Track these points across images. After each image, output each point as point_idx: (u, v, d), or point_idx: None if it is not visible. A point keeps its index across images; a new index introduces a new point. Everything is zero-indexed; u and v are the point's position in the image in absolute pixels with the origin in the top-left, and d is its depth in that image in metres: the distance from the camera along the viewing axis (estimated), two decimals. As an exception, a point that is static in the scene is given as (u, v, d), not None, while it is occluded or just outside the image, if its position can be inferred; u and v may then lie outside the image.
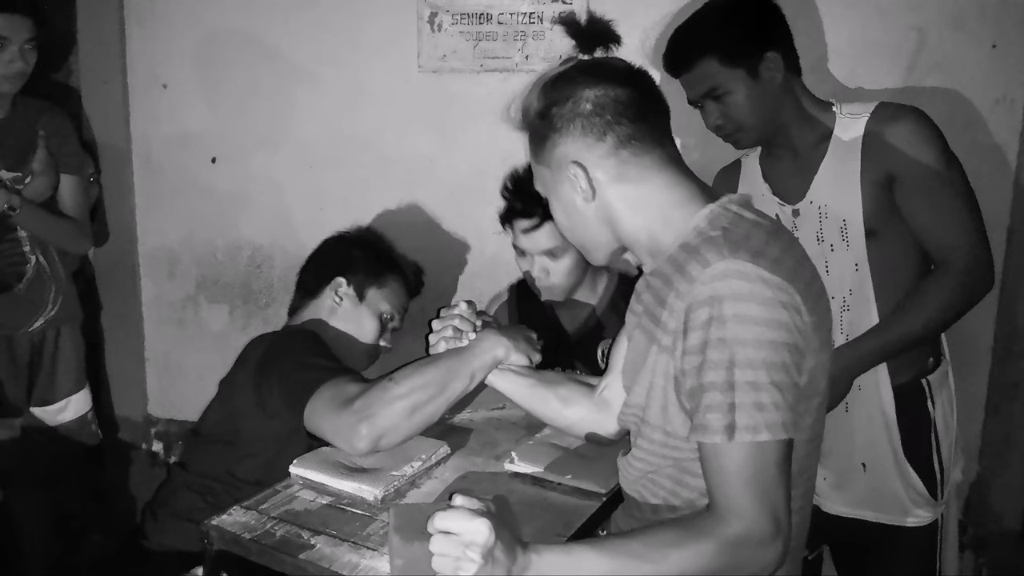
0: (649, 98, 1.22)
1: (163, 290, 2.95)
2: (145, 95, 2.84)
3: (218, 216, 2.83)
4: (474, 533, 0.99)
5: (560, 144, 1.21)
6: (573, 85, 1.20)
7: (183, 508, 1.74)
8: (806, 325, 1.08)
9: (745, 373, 1.03)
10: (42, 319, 2.37)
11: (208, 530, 1.32)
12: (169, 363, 2.99)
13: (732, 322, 1.04)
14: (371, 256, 2.02)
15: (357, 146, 2.63)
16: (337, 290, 1.97)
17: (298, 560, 1.23)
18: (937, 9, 2.10)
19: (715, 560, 1.01)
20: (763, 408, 1.03)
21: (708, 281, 1.07)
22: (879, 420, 1.74)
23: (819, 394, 1.17)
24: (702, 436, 1.07)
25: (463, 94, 2.49)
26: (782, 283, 1.06)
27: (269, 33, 2.66)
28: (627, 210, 1.22)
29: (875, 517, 1.78)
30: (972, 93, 2.11)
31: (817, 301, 1.14)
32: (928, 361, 1.77)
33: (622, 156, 1.19)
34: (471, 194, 2.52)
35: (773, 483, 1.03)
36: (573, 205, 1.24)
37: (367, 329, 1.97)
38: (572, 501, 1.46)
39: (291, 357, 1.69)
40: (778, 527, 1.02)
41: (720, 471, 1.05)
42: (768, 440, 1.03)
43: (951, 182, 1.64)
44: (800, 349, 1.07)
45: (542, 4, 2.40)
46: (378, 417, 1.48)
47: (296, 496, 1.44)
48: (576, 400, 1.56)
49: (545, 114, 1.22)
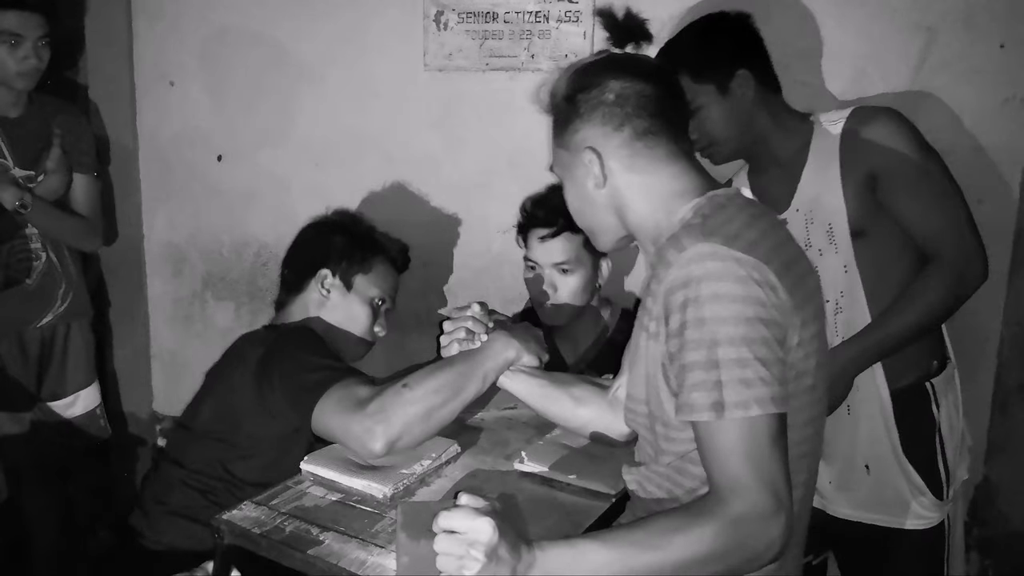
0: (670, 95, 1.27)
1: (169, 287, 2.96)
2: (152, 92, 2.85)
3: (224, 213, 2.83)
4: (478, 532, 1.00)
5: (581, 129, 1.26)
6: (601, 74, 1.25)
7: (181, 505, 1.70)
8: (783, 302, 1.09)
9: (728, 351, 1.05)
10: (51, 314, 2.38)
11: (219, 525, 1.33)
12: (175, 360, 3.00)
13: (709, 302, 1.06)
14: (352, 241, 1.95)
15: (363, 144, 2.64)
16: (323, 282, 1.92)
17: (307, 555, 1.24)
18: (946, 8, 2.10)
19: (719, 540, 1.01)
20: (750, 384, 1.04)
21: (684, 264, 1.09)
22: (879, 421, 1.74)
23: (810, 375, 1.17)
24: (688, 415, 1.08)
25: (469, 93, 2.49)
26: (755, 262, 1.08)
27: (275, 31, 2.67)
28: (634, 199, 1.26)
29: (880, 520, 1.77)
30: (981, 92, 2.11)
31: (799, 281, 1.16)
32: (931, 364, 1.77)
33: (636, 148, 1.24)
34: (477, 192, 2.52)
35: (768, 457, 1.04)
36: (585, 189, 1.29)
37: (360, 318, 1.92)
38: (581, 501, 1.46)
39: (293, 357, 1.65)
40: (779, 501, 1.02)
41: (714, 450, 1.06)
42: (759, 415, 1.04)
43: (932, 175, 1.66)
44: (779, 324, 1.09)
45: (548, 3, 2.39)
46: (394, 421, 1.47)
47: (306, 492, 1.45)
48: (589, 400, 1.57)
49: (571, 98, 1.27)
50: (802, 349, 1.14)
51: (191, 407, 1.83)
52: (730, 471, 1.04)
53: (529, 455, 1.57)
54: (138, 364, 2.99)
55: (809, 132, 1.76)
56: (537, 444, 1.66)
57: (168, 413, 3.04)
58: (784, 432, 1.07)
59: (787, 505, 1.03)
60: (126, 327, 2.96)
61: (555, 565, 1.03)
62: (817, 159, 1.73)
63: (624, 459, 1.39)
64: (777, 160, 1.80)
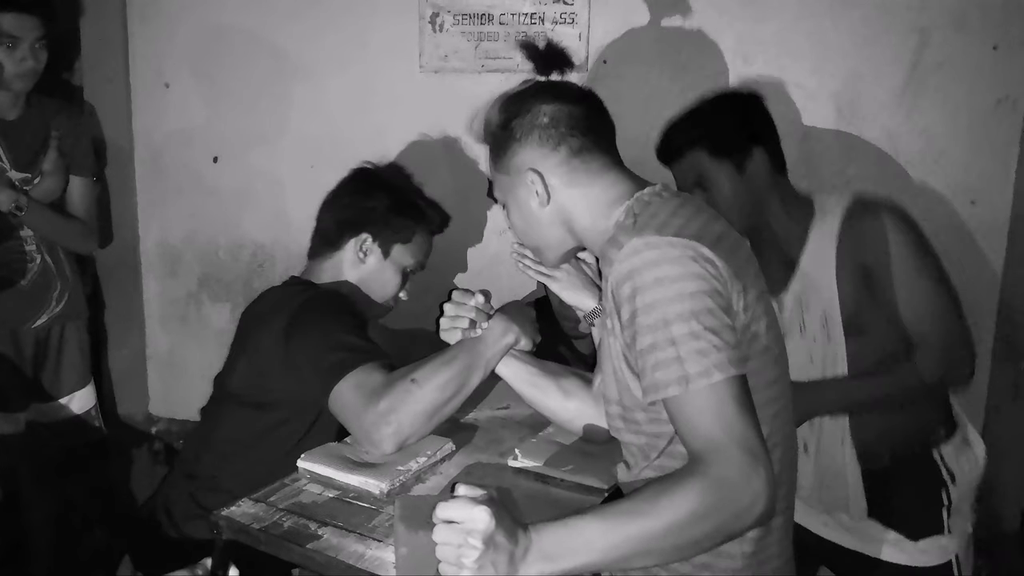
0: (598, 114, 1.36)
1: (165, 288, 2.96)
2: (148, 94, 2.85)
3: (220, 214, 2.83)
4: (475, 521, 1.01)
5: (519, 152, 1.33)
6: (533, 100, 1.33)
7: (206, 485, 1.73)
8: (720, 271, 1.15)
9: (680, 327, 1.09)
10: (46, 315, 2.38)
11: (217, 520, 1.34)
12: (171, 361, 2.99)
13: (652, 287, 1.12)
14: (398, 209, 1.93)
15: (359, 145, 2.62)
16: (361, 245, 1.91)
17: (305, 549, 1.25)
18: (939, 10, 2.12)
19: (703, 500, 1.04)
20: (706, 353, 1.08)
21: (624, 259, 1.15)
22: (845, 493, 1.72)
23: (761, 336, 1.21)
24: (655, 394, 1.12)
25: (464, 94, 2.49)
26: (686, 241, 1.14)
27: (271, 32, 2.67)
28: (578, 211, 1.32)
29: (876, 553, 1.74)
30: (974, 94, 2.13)
31: (732, 251, 1.21)
32: (938, 431, 1.74)
33: (573, 164, 1.31)
34: (473, 193, 2.53)
35: (736, 418, 1.08)
36: (529, 208, 1.35)
37: (390, 284, 1.93)
38: (575, 496, 1.48)
39: (319, 328, 1.65)
40: (754, 456, 1.06)
41: (686, 422, 1.10)
42: (720, 379, 1.08)
43: (926, 272, 1.65)
44: (721, 293, 1.14)
45: (543, 5, 2.41)
46: (404, 422, 1.51)
47: (303, 489, 1.46)
48: (576, 393, 1.61)
49: (506, 125, 1.34)
50: (749, 312, 1.19)
51: (219, 377, 1.84)
52: (704, 435, 1.08)
53: (523, 452, 1.59)
54: (134, 365, 2.99)
55: (811, 216, 1.74)
56: (531, 442, 1.67)
57: (163, 415, 3.03)
58: (747, 391, 1.11)
59: (764, 459, 1.06)
60: (122, 328, 2.96)
61: (550, 543, 1.05)
62: (816, 245, 1.72)
63: (616, 455, 1.41)
64: (777, 241, 1.78)
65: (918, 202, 2.17)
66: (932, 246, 1.69)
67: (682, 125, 1.78)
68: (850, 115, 2.22)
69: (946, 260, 2.19)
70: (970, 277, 2.17)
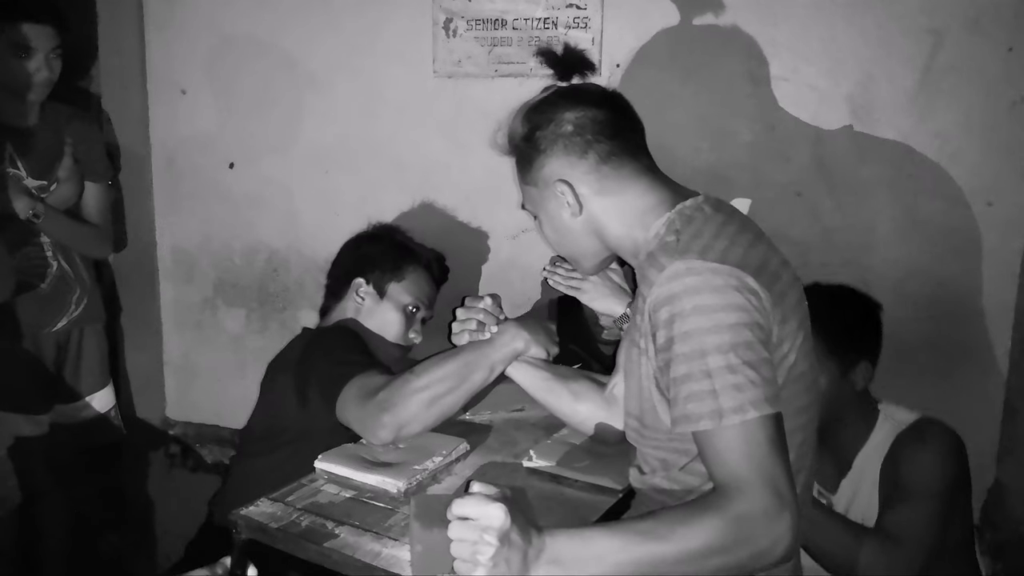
0: (623, 116, 1.32)
1: (181, 293, 2.98)
2: (164, 100, 2.88)
3: (235, 220, 2.85)
4: (491, 518, 1.01)
5: (546, 164, 1.31)
6: (554, 109, 1.30)
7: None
8: (763, 301, 1.13)
9: (717, 359, 1.08)
10: (65, 319, 2.40)
11: (236, 519, 1.36)
12: (187, 365, 3.01)
13: (692, 315, 1.10)
14: (387, 251, 2.06)
15: (372, 150, 2.66)
16: (358, 291, 2.03)
17: (322, 548, 1.26)
18: (953, 12, 2.11)
19: (722, 534, 1.03)
20: (742, 388, 1.07)
21: (664, 283, 1.13)
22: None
23: (798, 364, 1.19)
24: (686, 426, 1.11)
25: (478, 99, 2.51)
26: (730, 269, 1.12)
27: (285, 39, 2.69)
28: (611, 220, 1.30)
29: None
30: (988, 96, 2.12)
31: (774, 277, 1.18)
32: None
33: (603, 171, 1.29)
34: (485, 198, 2.54)
35: (768, 458, 1.06)
36: (561, 220, 1.33)
37: (392, 324, 2.02)
38: (588, 497, 1.49)
39: (326, 351, 1.76)
40: (781, 499, 1.04)
41: (716, 455, 1.09)
42: (755, 416, 1.06)
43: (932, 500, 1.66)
44: (762, 325, 1.12)
45: (556, 10, 2.41)
46: (399, 408, 1.53)
47: (321, 489, 1.47)
48: (587, 396, 1.61)
49: (530, 137, 1.32)
50: (788, 342, 1.17)
51: (241, 432, 2.00)
52: (732, 472, 1.07)
53: (537, 453, 1.61)
54: (151, 370, 3.01)
55: (873, 423, 1.79)
56: (545, 443, 1.68)
57: (179, 418, 3.05)
58: (781, 430, 1.09)
59: (791, 501, 1.05)
60: (138, 333, 2.98)
61: (563, 550, 1.05)
62: (870, 454, 1.77)
63: (630, 457, 1.41)
64: (838, 443, 1.81)
65: (934, 204, 2.18)
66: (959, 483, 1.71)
67: None
68: (864, 117, 2.21)
69: (962, 262, 2.19)
70: (987, 278, 2.17)
